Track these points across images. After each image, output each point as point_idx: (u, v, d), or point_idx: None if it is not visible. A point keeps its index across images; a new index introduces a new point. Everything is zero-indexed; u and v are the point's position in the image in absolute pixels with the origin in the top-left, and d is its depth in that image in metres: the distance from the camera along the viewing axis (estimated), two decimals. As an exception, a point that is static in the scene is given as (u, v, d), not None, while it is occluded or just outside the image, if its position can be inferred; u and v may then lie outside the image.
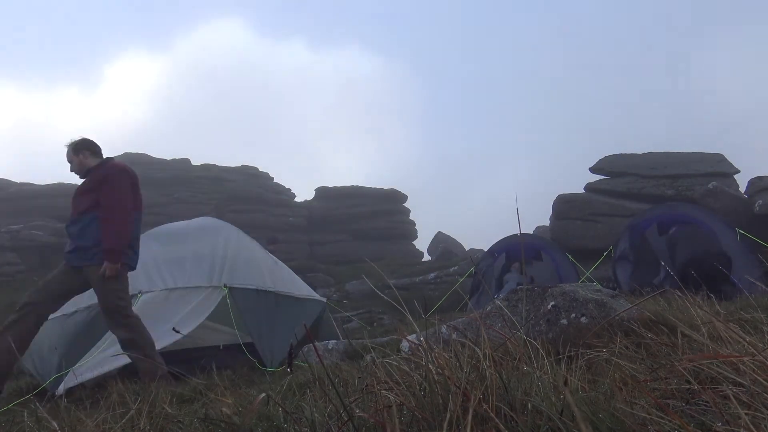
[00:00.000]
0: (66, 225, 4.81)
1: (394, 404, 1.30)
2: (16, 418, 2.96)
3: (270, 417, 1.59)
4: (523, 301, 3.11)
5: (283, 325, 5.98)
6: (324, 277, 21.39)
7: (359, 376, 2.02)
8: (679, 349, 1.73)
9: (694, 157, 16.28)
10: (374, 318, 13.70)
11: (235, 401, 1.78)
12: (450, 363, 1.43)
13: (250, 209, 28.38)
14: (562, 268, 10.93)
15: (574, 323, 2.91)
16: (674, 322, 1.99)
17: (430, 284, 17.71)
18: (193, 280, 5.83)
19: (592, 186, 16.69)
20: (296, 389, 2.51)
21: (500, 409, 1.27)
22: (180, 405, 2.70)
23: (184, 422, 1.81)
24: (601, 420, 1.23)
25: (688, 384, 1.38)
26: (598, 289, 3.33)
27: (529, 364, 1.54)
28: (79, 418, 1.99)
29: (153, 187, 27.83)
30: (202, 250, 6.20)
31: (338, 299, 16.51)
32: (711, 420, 1.20)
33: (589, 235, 14.69)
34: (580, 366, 1.64)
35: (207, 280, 5.85)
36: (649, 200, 14.76)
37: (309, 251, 28.31)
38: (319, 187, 33.18)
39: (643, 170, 16.07)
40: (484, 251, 13.34)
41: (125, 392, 2.86)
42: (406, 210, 34.09)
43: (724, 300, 4.07)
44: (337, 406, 1.39)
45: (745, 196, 13.46)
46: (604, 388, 1.50)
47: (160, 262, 5.94)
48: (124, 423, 1.84)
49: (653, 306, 2.86)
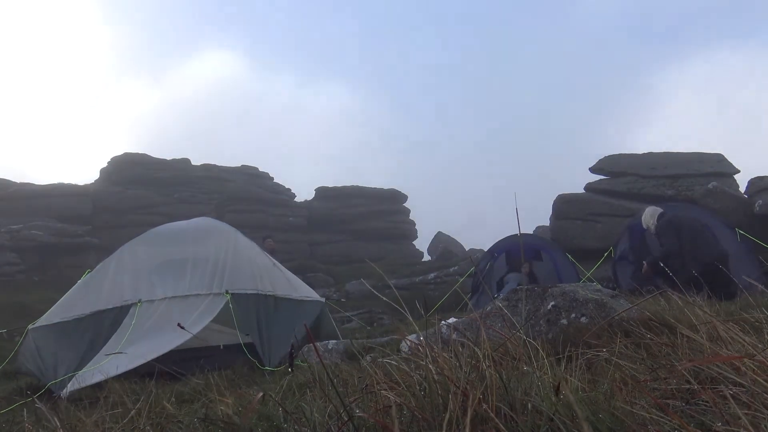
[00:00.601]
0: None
1: (394, 404, 1.30)
2: (16, 418, 2.96)
3: (270, 417, 1.59)
4: (523, 301, 3.11)
5: (282, 326, 5.98)
6: (324, 277, 21.39)
7: (359, 376, 2.02)
8: (679, 350, 1.73)
9: (694, 157, 16.28)
10: (374, 318, 13.70)
11: (235, 401, 1.78)
12: (450, 363, 1.43)
13: (250, 209, 28.37)
14: (562, 268, 10.93)
15: (574, 323, 2.91)
16: (674, 323, 1.99)
17: (430, 284, 17.71)
18: (195, 287, 5.83)
19: (592, 186, 16.69)
20: (296, 389, 2.51)
21: (500, 409, 1.27)
22: (180, 405, 2.70)
23: (184, 422, 1.81)
24: (601, 420, 1.23)
25: (688, 384, 1.38)
26: (598, 289, 3.34)
27: (528, 364, 1.54)
28: (78, 418, 1.99)
29: (153, 187, 27.86)
30: (203, 255, 6.18)
31: (338, 299, 16.51)
32: (711, 420, 1.20)
33: (589, 235, 14.69)
34: (580, 366, 1.64)
35: (208, 287, 5.84)
36: (649, 200, 14.74)
37: (309, 251, 28.29)
38: (319, 187, 33.18)
39: (643, 170, 16.07)
40: (484, 251, 13.35)
41: (124, 392, 2.86)
42: (406, 210, 34.09)
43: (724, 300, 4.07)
44: (337, 406, 1.39)
45: (745, 196, 13.46)
46: (604, 388, 1.50)
47: (160, 268, 5.94)
48: (123, 423, 1.84)
49: (653, 306, 2.86)
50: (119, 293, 5.68)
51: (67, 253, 21.28)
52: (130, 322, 5.29)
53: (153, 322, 5.40)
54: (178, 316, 5.49)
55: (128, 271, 5.95)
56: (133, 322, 5.29)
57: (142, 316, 5.41)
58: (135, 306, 5.42)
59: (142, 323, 5.36)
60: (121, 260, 6.20)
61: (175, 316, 5.51)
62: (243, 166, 32.45)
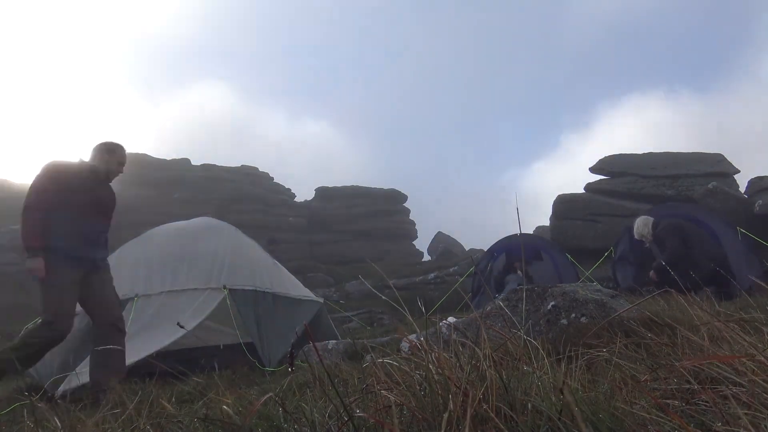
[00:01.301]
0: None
1: (394, 404, 1.30)
2: (16, 418, 2.97)
3: (270, 417, 1.59)
4: (523, 301, 3.11)
5: (281, 325, 5.99)
6: (324, 277, 21.39)
7: (359, 376, 2.02)
8: (679, 350, 1.73)
9: (694, 157, 16.29)
10: (374, 318, 13.70)
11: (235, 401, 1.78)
12: (450, 363, 1.43)
13: (250, 209, 28.39)
14: (562, 268, 10.92)
15: (574, 323, 2.91)
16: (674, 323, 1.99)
17: (430, 284, 17.72)
18: (192, 281, 5.83)
19: (592, 186, 16.70)
20: (296, 389, 2.51)
21: (500, 409, 1.27)
22: (180, 405, 2.70)
23: (184, 422, 1.81)
24: (601, 420, 1.23)
25: (688, 384, 1.38)
26: (598, 289, 3.34)
27: (529, 364, 1.54)
28: (78, 418, 1.99)
29: (153, 187, 27.86)
30: (202, 251, 6.19)
31: (338, 299, 16.51)
32: (711, 420, 1.20)
33: (589, 235, 14.70)
34: (580, 366, 1.64)
35: (206, 282, 5.84)
36: (649, 200, 14.76)
37: (309, 251, 28.31)
38: (319, 187, 33.23)
39: (643, 170, 16.08)
40: (484, 251, 13.35)
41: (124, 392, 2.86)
42: (406, 210, 34.12)
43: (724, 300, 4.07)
44: (337, 406, 1.39)
45: (745, 196, 13.46)
46: (604, 388, 1.50)
47: (158, 264, 5.94)
48: (123, 423, 1.84)
49: (653, 306, 2.86)
50: (117, 290, 5.70)
51: (67, 253, 21.25)
52: (128, 317, 5.31)
53: (150, 316, 5.41)
54: (175, 310, 5.50)
55: (126, 269, 5.96)
56: (131, 316, 5.30)
57: (140, 310, 5.42)
58: (132, 301, 5.44)
59: (139, 318, 5.37)
60: (120, 259, 6.21)
61: (172, 310, 5.51)
62: (243, 166, 32.49)
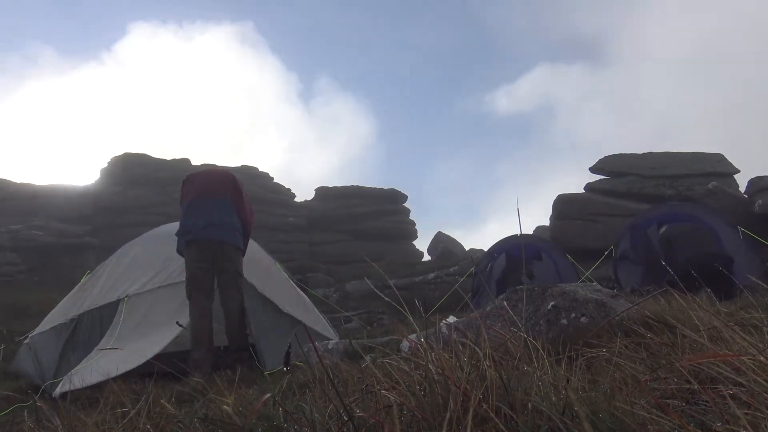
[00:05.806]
0: None
1: (394, 404, 1.30)
2: (16, 418, 2.97)
3: (270, 417, 1.59)
4: (523, 301, 3.11)
5: (280, 324, 5.96)
6: (324, 277, 21.38)
7: (359, 376, 2.02)
8: (679, 349, 1.73)
9: (694, 157, 16.29)
10: (374, 318, 13.69)
11: (235, 401, 1.78)
12: (450, 363, 1.43)
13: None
14: (562, 268, 10.92)
15: (574, 323, 2.91)
16: (674, 322, 1.99)
17: (430, 284, 17.70)
18: (180, 274, 5.77)
19: (592, 186, 16.71)
20: (296, 389, 2.51)
21: (500, 409, 1.27)
22: (180, 405, 2.70)
23: (184, 422, 1.81)
24: (601, 420, 1.23)
25: (688, 384, 1.38)
26: (598, 289, 3.34)
27: (529, 363, 1.54)
28: (78, 418, 1.99)
29: (153, 187, 27.85)
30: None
31: (338, 299, 16.51)
32: (711, 420, 1.20)
33: (589, 235, 14.70)
34: (580, 366, 1.64)
35: None
36: (649, 200, 14.77)
37: (309, 251, 28.31)
38: (319, 187, 33.21)
39: (643, 170, 16.08)
40: (484, 251, 13.34)
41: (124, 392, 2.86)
42: (406, 210, 34.11)
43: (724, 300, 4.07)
44: (337, 406, 1.39)
45: (745, 196, 13.46)
46: (604, 388, 1.50)
47: (151, 263, 5.94)
48: (124, 423, 1.84)
49: (653, 306, 2.86)
50: (110, 291, 5.71)
51: (67, 254, 21.28)
52: (119, 318, 5.32)
53: (141, 315, 5.43)
54: (165, 305, 5.50)
55: (122, 270, 5.97)
56: (122, 318, 5.32)
57: (131, 310, 5.43)
58: (122, 302, 5.45)
59: (131, 317, 5.38)
60: (118, 261, 6.22)
61: (162, 305, 5.52)
62: (243, 166, 32.46)
